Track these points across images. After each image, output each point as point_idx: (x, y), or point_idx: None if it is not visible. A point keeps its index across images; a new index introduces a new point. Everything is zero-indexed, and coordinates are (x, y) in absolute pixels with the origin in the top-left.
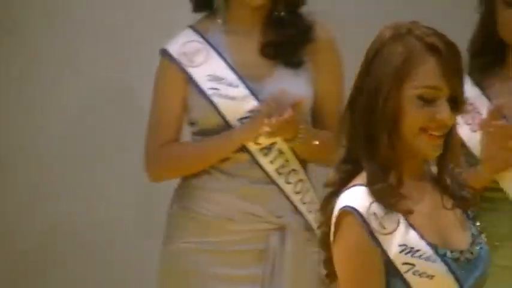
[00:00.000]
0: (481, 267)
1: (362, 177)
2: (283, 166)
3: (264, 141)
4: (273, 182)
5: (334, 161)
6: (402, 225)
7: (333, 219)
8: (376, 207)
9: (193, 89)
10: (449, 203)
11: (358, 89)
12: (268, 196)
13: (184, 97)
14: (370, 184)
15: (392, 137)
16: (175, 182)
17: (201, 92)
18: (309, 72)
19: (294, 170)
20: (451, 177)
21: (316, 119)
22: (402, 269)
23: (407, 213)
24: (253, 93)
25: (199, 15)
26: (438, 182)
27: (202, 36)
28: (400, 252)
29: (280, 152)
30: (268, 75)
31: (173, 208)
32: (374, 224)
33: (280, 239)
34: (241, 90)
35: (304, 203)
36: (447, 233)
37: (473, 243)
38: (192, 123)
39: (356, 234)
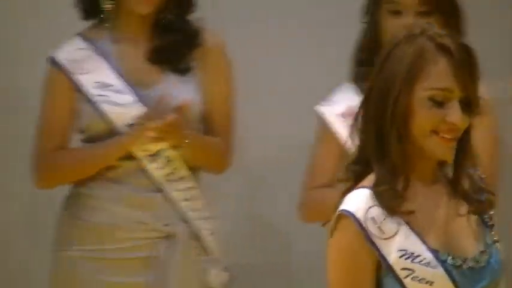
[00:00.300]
0: (487, 277)
1: (370, 179)
2: (171, 173)
3: (151, 147)
4: (160, 189)
5: (224, 168)
6: (403, 230)
7: (333, 220)
8: (375, 212)
9: (81, 96)
10: (463, 208)
11: (370, 89)
12: (155, 204)
13: (72, 105)
14: (375, 186)
15: (403, 138)
16: (63, 189)
17: (89, 99)
18: (197, 78)
19: (182, 177)
20: (469, 181)
21: (207, 124)
22: (401, 274)
23: (407, 216)
24: (141, 100)
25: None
26: (454, 187)
27: (91, 44)
28: (400, 257)
29: (168, 159)
30: (156, 81)
31: (62, 215)
32: (372, 229)
33: (168, 247)
34: (128, 97)
35: (194, 211)
36: (454, 239)
37: (483, 252)
38: (81, 131)
39: (348, 239)
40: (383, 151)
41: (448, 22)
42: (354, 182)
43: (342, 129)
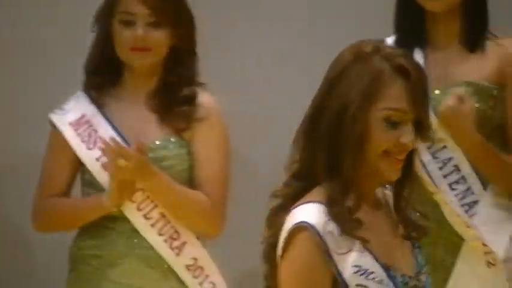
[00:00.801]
0: None
1: (317, 194)
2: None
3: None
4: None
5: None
6: (356, 246)
7: (284, 234)
8: (332, 226)
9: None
10: (400, 230)
11: (319, 108)
12: None
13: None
14: (329, 205)
15: (356, 157)
16: None
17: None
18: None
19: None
20: (406, 204)
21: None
22: None
23: (362, 241)
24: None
25: None
26: (393, 208)
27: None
28: (355, 273)
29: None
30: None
31: None
32: (330, 243)
33: None
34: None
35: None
36: (398, 258)
37: (419, 272)
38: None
39: (309, 252)
40: (334, 169)
41: (178, 33)
42: (294, 196)
43: (74, 138)
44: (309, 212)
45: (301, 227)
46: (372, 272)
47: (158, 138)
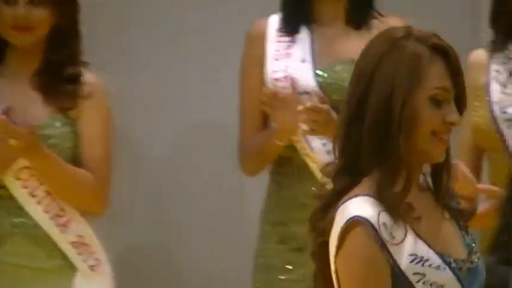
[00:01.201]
0: (479, 277)
1: (363, 187)
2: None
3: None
4: None
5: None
6: (410, 235)
7: (337, 230)
8: (384, 217)
9: None
10: (447, 213)
11: (361, 100)
12: None
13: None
14: (379, 193)
15: (406, 140)
16: None
17: None
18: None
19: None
20: (446, 189)
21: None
22: (413, 279)
23: (416, 223)
24: None
25: None
26: (435, 192)
27: None
28: (411, 262)
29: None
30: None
31: None
32: (385, 235)
33: None
34: None
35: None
36: (448, 242)
37: (470, 253)
38: None
39: (366, 245)
40: (384, 156)
41: (60, 12)
42: (341, 192)
43: None
44: (360, 206)
45: (355, 222)
46: (428, 259)
47: (43, 117)
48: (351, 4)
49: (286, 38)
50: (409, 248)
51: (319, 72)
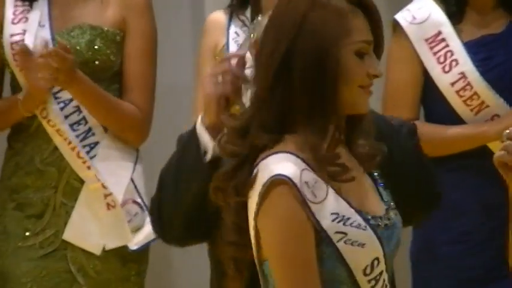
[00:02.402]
0: (396, 234)
1: (284, 145)
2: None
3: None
4: None
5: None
6: (331, 193)
7: (259, 188)
8: (307, 176)
9: None
10: (361, 168)
11: (284, 61)
12: None
13: None
14: (314, 151)
15: (337, 96)
16: None
17: None
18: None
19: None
20: (357, 136)
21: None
22: (335, 238)
23: (350, 182)
24: None
25: None
26: (349, 144)
27: None
28: (333, 220)
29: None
30: None
31: None
32: (307, 193)
33: None
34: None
35: None
36: (365, 198)
37: (388, 210)
38: None
39: (288, 204)
40: (316, 113)
41: None
42: (258, 150)
43: None
44: (282, 164)
45: (277, 180)
46: (349, 218)
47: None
48: None
49: (25, 2)
50: (331, 207)
51: (56, 37)
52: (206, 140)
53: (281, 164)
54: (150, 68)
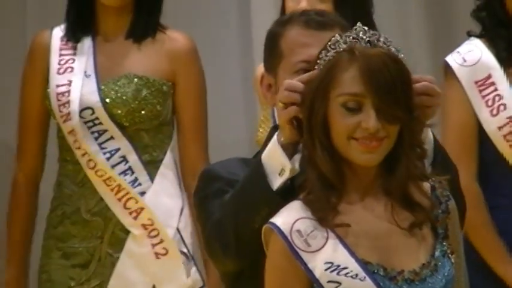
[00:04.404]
0: None
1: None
2: None
3: None
4: None
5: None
6: (331, 242)
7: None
8: (301, 224)
9: None
10: (406, 220)
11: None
12: None
13: None
14: (306, 195)
15: (327, 147)
16: None
17: None
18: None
19: None
20: (398, 185)
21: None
22: (328, 287)
23: (335, 228)
24: None
25: None
26: (400, 197)
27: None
28: (326, 270)
29: None
30: None
31: None
32: (297, 242)
33: None
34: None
35: None
36: (391, 251)
37: (425, 265)
38: None
39: (278, 253)
40: (312, 160)
41: None
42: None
43: None
44: (283, 211)
45: (267, 229)
46: (345, 268)
47: None
48: (134, 18)
49: (70, 51)
50: (325, 256)
51: (102, 87)
52: (282, 160)
53: (283, 211)
54: (203, 114)
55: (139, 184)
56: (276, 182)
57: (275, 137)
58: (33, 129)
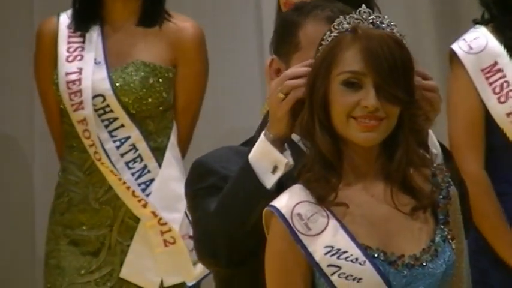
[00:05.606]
0: (429, 276)
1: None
2: None
3: None
4: None
5: None
6: (331, 226)
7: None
8: (302, 208)
9: None
10: (407, 204)
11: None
12: None
13: None
14: (305, 173)
15: (326, 127)
16: None
17: None
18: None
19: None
20: (398, 168)
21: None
22: (328, 271)
23: (337, 208)
24: None
25: None
26: (400, 182)
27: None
28: (325, 254)
29: None
30: None
31: None
32: (298, 226)
33: None
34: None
35: None
36: (392, 235)
37: (425, 250)
38: None
39: (278, 236)
40: (312, 140)
41: None
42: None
43: None
44: (284, 194)
45: (268, 212)
46: (345, 252)
47: None
48: (143, 5)
49: (78, 39)
50: (326, 240)
51: (111, 74)
52: (276, 156)
53: (284, 194)
54: (196, 102)
55: (149, 171)
56: (270, 181)
57: (262, 136)
58: (56, 113)
